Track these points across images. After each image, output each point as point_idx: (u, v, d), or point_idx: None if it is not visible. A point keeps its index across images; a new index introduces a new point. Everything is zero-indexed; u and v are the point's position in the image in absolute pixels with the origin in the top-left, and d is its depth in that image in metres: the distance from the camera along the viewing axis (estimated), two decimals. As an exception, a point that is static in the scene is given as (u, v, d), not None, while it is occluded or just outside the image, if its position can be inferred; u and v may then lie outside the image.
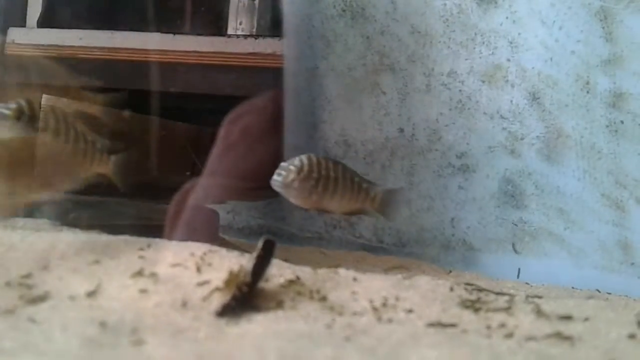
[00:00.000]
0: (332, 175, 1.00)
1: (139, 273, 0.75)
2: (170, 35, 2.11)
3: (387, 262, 1.42)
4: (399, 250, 1.50)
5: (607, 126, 1.35)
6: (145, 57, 2.06)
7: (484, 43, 1.44)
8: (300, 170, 0.97)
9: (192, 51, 2.05)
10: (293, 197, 1.00)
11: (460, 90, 1.46)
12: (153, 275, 0.75)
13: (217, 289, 0.73)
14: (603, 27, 1.36)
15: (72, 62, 2.10)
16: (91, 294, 0.69)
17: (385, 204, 1.10)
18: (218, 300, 0.71)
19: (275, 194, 1.07)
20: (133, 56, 2.08)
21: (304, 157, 0.99)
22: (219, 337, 0.63)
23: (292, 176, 0.97)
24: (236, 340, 0.62)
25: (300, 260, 1.20)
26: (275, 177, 0.98)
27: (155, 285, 0.73)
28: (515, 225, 1.40)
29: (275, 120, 1.47)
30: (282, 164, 0.99)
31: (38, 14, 2.29)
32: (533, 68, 1.41)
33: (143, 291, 0.71)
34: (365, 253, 1.48)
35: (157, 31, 2.10)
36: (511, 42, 1.42)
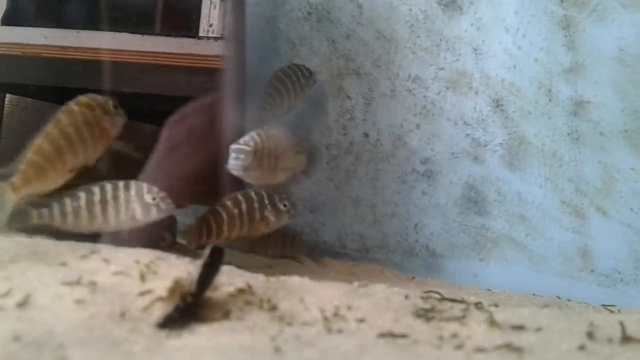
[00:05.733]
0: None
1: (77, 281, 0.71)
2: (139, 36, 2.06)
3: (350, 269, 1.40)
4: (362, 256, 1.48)
5: (568, 134, 1.36)
6: (112, 57, 2.00)
7: (448, 49, 1.44)
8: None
9: (161, 52, 2.00)
10: None
11: (424, 96, 1.45)
12: (92, 283, 0.71)
13: (160, 298, 0.70)
14: (565, 36, 1.36)
15: (37, 61, 2.03)
16: (21, 304, 0.65)
17: None
18: (160, 311, 0.68)
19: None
20: (99, 56, 2.02)
21: None
22: (155, 351, 0.59)
23: None
24: (173, 353, 0.58)
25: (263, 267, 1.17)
26: None
27: (92, 295, 0.69)
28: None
29: (218, 122, 1.43)
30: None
31: (2, 12, 2.21)
32: (497, 75, 1.41)
33: (79, 301, 0.67)
34: (328, 259, 1.45)
35: (125, 31, 2.05)
36: (475, 49, 1.42)
